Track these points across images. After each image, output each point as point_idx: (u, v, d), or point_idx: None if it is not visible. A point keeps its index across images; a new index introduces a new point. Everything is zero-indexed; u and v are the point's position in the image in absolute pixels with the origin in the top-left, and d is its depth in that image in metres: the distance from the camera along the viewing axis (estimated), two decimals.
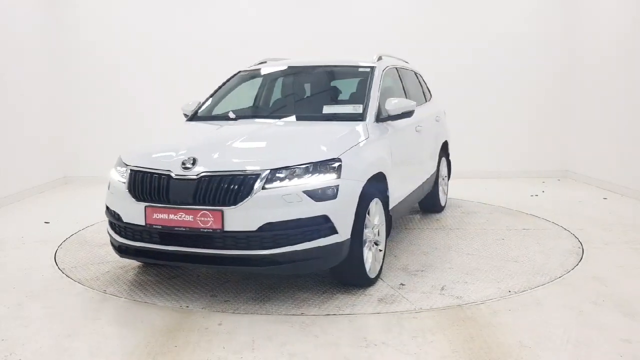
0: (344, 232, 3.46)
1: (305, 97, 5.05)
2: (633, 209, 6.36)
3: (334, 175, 3.44)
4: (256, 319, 3.41)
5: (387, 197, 4.12)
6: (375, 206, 3.87)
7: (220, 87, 5.15)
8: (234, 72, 5.32)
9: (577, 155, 8.39)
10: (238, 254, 3.38)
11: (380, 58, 4.97)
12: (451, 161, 6.65)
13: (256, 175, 3.35)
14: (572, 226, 5.52)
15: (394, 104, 4.26)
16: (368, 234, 3.75)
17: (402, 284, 3.94)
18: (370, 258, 3.79)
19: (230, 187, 3.35)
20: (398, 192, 4.44)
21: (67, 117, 8.44)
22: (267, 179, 3.35)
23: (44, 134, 7.94)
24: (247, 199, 3.31)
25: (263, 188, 3.33)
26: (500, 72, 8.48)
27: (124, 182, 3.69)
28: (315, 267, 3.57)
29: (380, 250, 4.00)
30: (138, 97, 8.47)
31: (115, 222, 3.76)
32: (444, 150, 6.26)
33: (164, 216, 3.45)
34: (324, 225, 3.37)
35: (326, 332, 3.20)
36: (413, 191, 4.99)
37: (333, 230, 3.41)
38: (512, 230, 5.40)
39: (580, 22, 8.23)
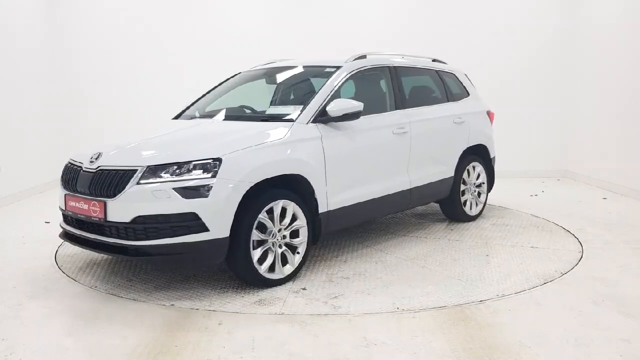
0: (217, 231, 3.55)
1: (273, 97, 5.25)
2: (633, 209, 6.37)
3: (209, 175, 3.55)
4: (256, 319, 3.41)
5: (315, 200, 4.11)
6: (287, 209, 3.91)
7: (212, 89, 5.39)
8: (231, 74, 5.44)
9: (577, 155, 8.39)
10: (118, 243, 3.64)
11: (363, 57, 4.89)
12: (494, 168, 6.13)
13: (133, 171, 3.61)
14: (572, 226, 5.52)
15: (335, 105, 4.22)
16: (260, 234, 3.77)
17: (304, 289, 3.88)
18: (270, 258, 3.85)
19: (113, 181, 3.65)
20: (342, 196, 4.32)
21: (67, 117, 8.44)
22: (142, 175, 3.57)
23: (44, 134, 7.94)
24: (122, 192, 3.57)
25: (138, 183, 3.56)
26: (499, 72, 8.48)
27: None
28: (188, 262, 3.80)
29: (298, 253, 4.03)
30: (138, 97, 8.47)
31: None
32: (476, 155, 5.82)
33: (73, 204, 3.89)
34: (193, 222, 3.50)
35: (326, 332, 3.20)
36: (384, 196, 4.71)
37: (203, 228, 3.52)
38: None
39: (581, 22, 8.23)
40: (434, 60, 5.83)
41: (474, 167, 5.79)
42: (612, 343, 3.05)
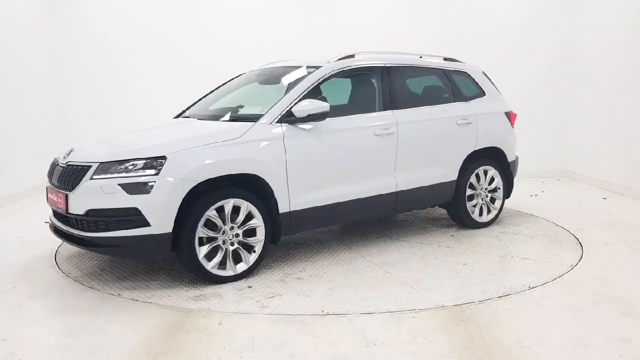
0: (159, 226, 3.70)
1: (258, 98, 5.20)
2: (633, 209, 6.37)
3: (152, 172, 3.72)
4: (256, 319, 3.41)
5: (275, 200, 4.13)
6: (241, 208, 3.97)
7: (215, 89, 5.42)
8: (232, 74, 5.46)
9: (577, 155, 8.39)
10: (76, 234, 3.91)
11: (350, 56, 4.83)
12: (513, 173, 5.75)
13: (88, 167, 3.86)
14: (572, 226, 5.52)
15: (301, 106, 4.23)
16: (207, 231, 3.86)
17: (250, 287, 3.93)
18: (219, 255, 3.94)
19: (73, 176, 3.93)
20: (307, 197, 4.30)
21: (67, 117, 8.43)
22: (95, 171, 3.81)
23: (43, 134, 7.94)
24: (78, 186, 3.84)
25: (91, 178, 3.80)
26: (499, 72, 8.45)
27: None
28: (134, 255, 4.09)
29: (255, 252, 4.08)
30: (139, 98, 8.46)
31: None
32: (489, 158, 5.51)
33: (50, 196, 4.24)
34: (136, 217, 3.68)
35: (326, 332, 3.20)
36: (361, 199, 4.61)
37: (145, 223, 3.69)
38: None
39: (580, 22, 8.23)
40: (445, 59, 5.62)
41: (485, 171, 5.46)
42: (612, 343, 3.05)
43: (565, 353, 2.93)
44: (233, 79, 5.52)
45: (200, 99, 5.38)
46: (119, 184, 3.69)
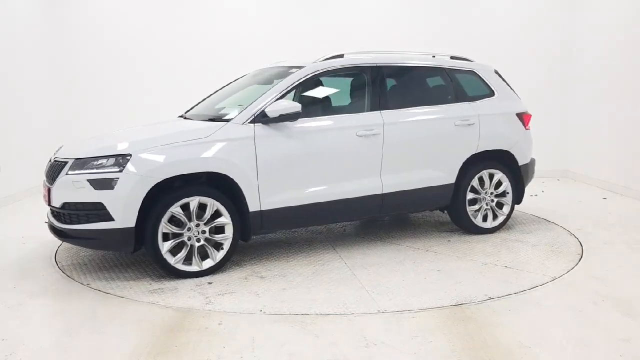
0: (122, 220, 3.89)
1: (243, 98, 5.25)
2: (633, 209, 6.37)
3: (117, 169, 3.92)
4: (256, 319, 3.41)
5: (244, 199, 4.19)
6: (208, 205, 4.09)
7: (219, 90, 5.43)
8: (233, 74, 5.44)
9: (577, 155, 8.39)
10: (56, 225, 4.16)
11: (339, 56, 4.79)
12: (524, 177, 5.44)
13: (65, 163, 4.09)
14: (572, 226, 5.52)
15: (273, 107, 4.27)
16: (171, 227, 4.00)
17: (210, 283, 4.02)
18: (184, 251, 4.07)
19: (55, 170, 4.16)
20: (280, 197, 4.32)
21: (67, 117, 8.42)
22: (70, 166, 4.03)
23: (44, 134, 7.93)
24: (56, 180, 4.08)
25: (67, 174, 4.02)
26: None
27: None
28: (103, 247, 4.26)
29: (223, 249, 4.18)
30: (139, 98, 8.46)
31: None
32: (496, 161, 5.26)
33: (43, 190, 4.39)
34: (101, 211, 3.90)
35: (326, 332, 3.20)
36: (341, 200, 4.54)
37: (109, 217, 3.89)
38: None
39: (580, 22, 8.23)
40: (453, 58, 5.42)
41: (491, 175, 5.21)
42: (612, 343, 3.05)
43: (565, 353, 2.93)
44: (238, 79, 5.52)
45: (205, 99, 5.37)
46: (87, 180, 3.92)
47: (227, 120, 4.33)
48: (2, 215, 6.41)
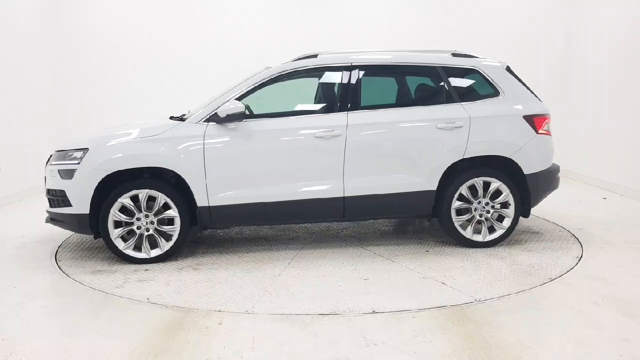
0: (78, 207, 4.42)
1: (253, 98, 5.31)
2: (633, 209, 6.37)
3: (76, 161, 4.43)
4: (256, 319, 3.41)
5: (191, 194, 4.45)
6: (157, 198, 4.42)
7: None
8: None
9: (577, 155, 8.39)
10: (48, 210, 4.69)
11: (312, 56, 4.74)
12: (532, 187, 4.81)
13: (51, 155, 4.67)
14: (572, 226, 5.52)
15: (223, 107, 4.46)
16: (121, 216, 4.40)
17: (147, 270, 4.35)
18: (133, 239, 4.44)
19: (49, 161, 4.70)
20: (229, 194, 4.45)
21: (67, 117, 8.43)
22: (52, 157, 4.63)
23: (44, 134, 7.94)
24: (45, 169, 4.67)
25: (51, 163, 4.59)
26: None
27: None
28: (68, 229, 4.63)
29: (172, 240, 4.50)
30: (139, 98, 8.46)
31: None
32: (495, 169, 4.77)
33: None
34: (64, 197, 4.46)
35: (326, 332, 3.20)
36: (296, 201, 4.50)
37: (68, 203, 4.45)
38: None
39: (580, 21, 8.23)
40: (454, 55, 4.97)
41: (486, 184, 4.72)
42: (612, 343, 3.05)
43: (565, 353, 2.93)
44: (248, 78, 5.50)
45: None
46: (58, 170, 4.48)
47: (184, 119, 4.60)
48: (2, 215, 6.41)
